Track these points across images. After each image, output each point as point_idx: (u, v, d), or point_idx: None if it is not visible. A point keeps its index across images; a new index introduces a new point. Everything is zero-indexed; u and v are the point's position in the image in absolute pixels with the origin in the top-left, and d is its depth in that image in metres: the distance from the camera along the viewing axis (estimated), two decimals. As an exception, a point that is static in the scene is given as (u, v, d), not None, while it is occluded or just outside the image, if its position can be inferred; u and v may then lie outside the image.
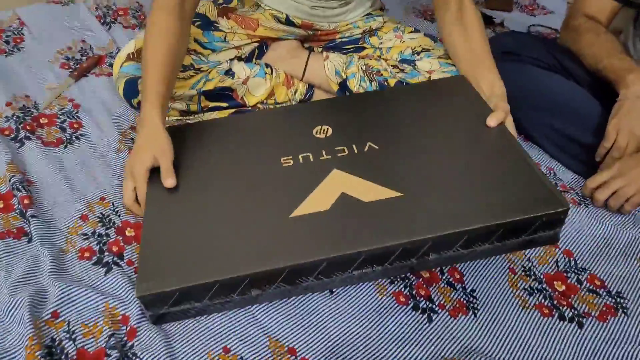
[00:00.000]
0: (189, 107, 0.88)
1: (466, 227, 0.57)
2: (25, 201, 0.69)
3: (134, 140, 0.83)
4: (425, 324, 0.63)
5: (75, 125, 0.86)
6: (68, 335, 0.55)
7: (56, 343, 0.55)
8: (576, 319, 0.65)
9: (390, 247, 0.56)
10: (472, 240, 0.58)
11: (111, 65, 1.00)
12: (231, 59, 0.91)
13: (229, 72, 0.89)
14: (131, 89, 0.86)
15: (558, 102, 0.84)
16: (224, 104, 0.90)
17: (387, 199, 0.60)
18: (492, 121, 0.70)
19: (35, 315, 0.56)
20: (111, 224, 0.70)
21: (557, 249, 0.74)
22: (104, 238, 0.68)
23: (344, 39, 0.97)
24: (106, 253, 0.66)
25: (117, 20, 1.15)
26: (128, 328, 0.57)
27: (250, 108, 0.91)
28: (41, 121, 0.85)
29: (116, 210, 0.72)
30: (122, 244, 0.68)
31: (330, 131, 0.72)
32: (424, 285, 0.67)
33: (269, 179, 0.66)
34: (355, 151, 0.68)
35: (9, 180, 0.72)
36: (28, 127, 0.83)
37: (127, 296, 0.61)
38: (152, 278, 0.55)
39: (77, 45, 1.05)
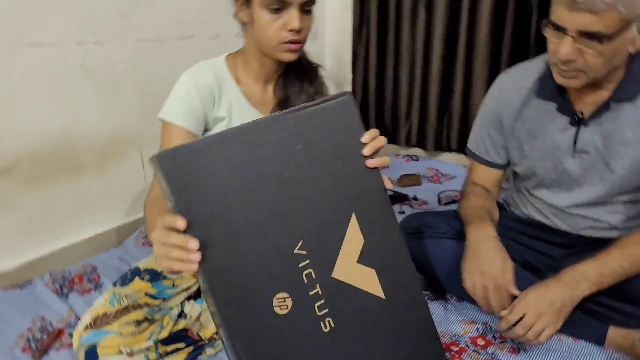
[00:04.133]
0: (148, 358, 0.92)
1: None
2: None
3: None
4: None
5: (38, 409, 0.88)
6: None
7: None
8: None
9: None
10: None
11: (71, 335, 1.05)
12: (181, 302, 1.01)
13: (181, 315, 0.97)
14: (91, 356, 0.91)
15: (453, 262, 0.97)
16: (181, 345, 0.96)
17: None
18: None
19: None
20: None
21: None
22: None
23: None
24: None
25: (74, 289, 1.23)
26: None
27: (207, 342, 0.97)
28: (3, 415, 0.87)
29: None
30: None
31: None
32: None
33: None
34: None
35: None
36: None
37: None
38: None
39: (36, 324, 1.11)
